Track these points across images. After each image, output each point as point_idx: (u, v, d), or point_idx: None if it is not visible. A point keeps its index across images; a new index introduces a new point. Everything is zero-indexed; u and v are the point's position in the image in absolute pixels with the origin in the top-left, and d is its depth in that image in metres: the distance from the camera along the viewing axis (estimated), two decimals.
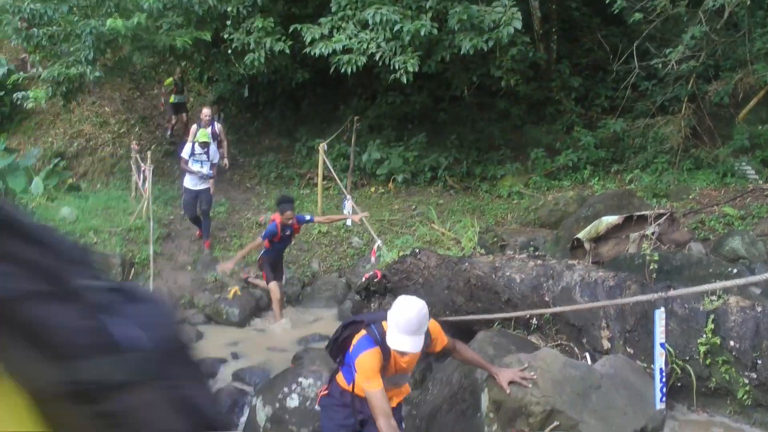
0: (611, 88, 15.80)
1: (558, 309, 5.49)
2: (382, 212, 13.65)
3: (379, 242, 9.93)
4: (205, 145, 11.50)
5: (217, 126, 13.65)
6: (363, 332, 4.36)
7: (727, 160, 12.50)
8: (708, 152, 13.08)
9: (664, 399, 4.18)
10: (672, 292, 4.39)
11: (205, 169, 11.56)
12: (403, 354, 4.06)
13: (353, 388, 4.48)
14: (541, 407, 4.11)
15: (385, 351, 4.20)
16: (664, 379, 4.28)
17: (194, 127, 12.86)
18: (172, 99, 17.10)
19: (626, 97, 14.31)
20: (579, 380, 4.33)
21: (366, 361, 4.22)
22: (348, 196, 11.90)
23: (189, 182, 11.61)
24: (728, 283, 4.27)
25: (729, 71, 13.66)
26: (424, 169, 15.49)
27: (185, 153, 11.63)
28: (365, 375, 4.20)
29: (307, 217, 10.07)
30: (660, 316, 4.11)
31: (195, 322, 10.08)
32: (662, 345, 4.28)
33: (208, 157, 11.62)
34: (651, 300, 4.60)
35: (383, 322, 4.28)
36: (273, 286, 9.78)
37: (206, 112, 13.21)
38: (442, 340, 4.43)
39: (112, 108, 18.98)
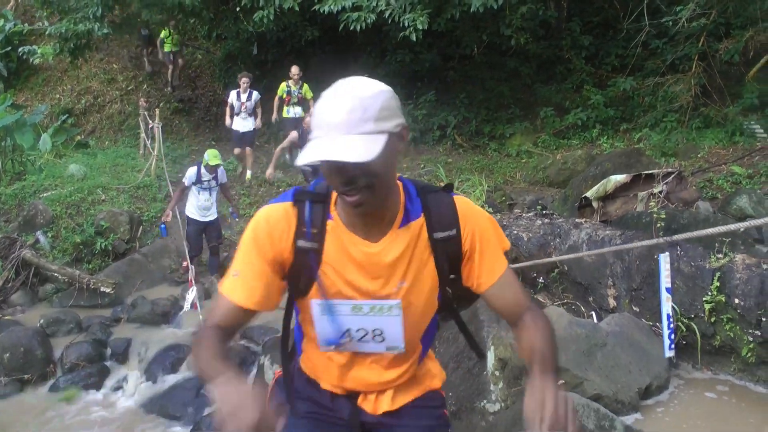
0: (621, 47, 15.63)
1: (563, 257, 5.51)
2: None
3: None
4: (214, 169, 9.33)
5: (255, 95, 13.33)
6: None
7: (736, 118, 12.40)
8: (717, 111, 12.97)
9: (672, 346, 4.19)
10: (676, 237, 4.39)
11: (211, 200, 9.55)
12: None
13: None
14: None
15: (309, 216, 2.01)
16: (672, 326, 4.27)
17: (232, 95, 13.20)
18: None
19: (636, 56, 14.19)
20: (584, 338, 4.37)
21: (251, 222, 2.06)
22: None
23: (193, 210, 9.54)
24: (731, 227, 4.23)
25: (740, 29, 13.49)
26: (433, 128, 15.47)
27: (188, 178, 9.38)
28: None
29: None
30: (665, 260, 4.11)
31: (204, 281, 10.14)
32: (668, 290, 4.27)
33: (217, 182, 9.53)
34: (657, 248, 4.60)
35: None
36: None
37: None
38: (495, 264, 2.10)
39: (120, 65, 18.92)
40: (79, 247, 10.11)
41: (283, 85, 13.39)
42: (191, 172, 9.37)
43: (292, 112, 13.23)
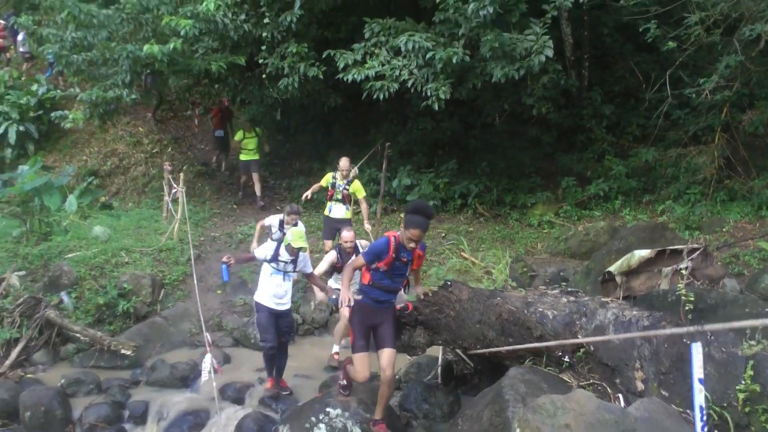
0: (643, 117, 15.70)
1: (591, 339, 5.44)
2: None
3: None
4: (295, 252, 7.86)
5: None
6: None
7: (763, 192, 12.32)
8: (742, 183, 12.91)
9: None
10: (707, 327, 4.30)
11: (285, 288, 7.99)
12: None
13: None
14: None
15: None
16: (704, 418, 4.15)
17: (273, 222, 10.53)
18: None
19: (658, 126, 14.20)
20: (613, 424, 4.27)
21: None
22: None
23: (266, 297, 7.97)
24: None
25: (764, 100, 13.55)
26: (454, 196, 15.48)
27: (262, 253, 7.99)
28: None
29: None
30: (697, 350, 4.02)
31: (223, 345, 10.12)
32: (701, 381, 4.16)
33: (295, 267, 8.03)
34: (686, 334, 4.54)
35: None
36: (359, 365, 6.39)
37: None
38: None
39: (146, 128, 19.21)
40: (102, 308, 10.19)
41: (328, 176, 11.45)
42: (268, 248, 8.03)
43: (333, 210, 11.39)
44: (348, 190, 11.33)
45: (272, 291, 7.89)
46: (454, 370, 7.83)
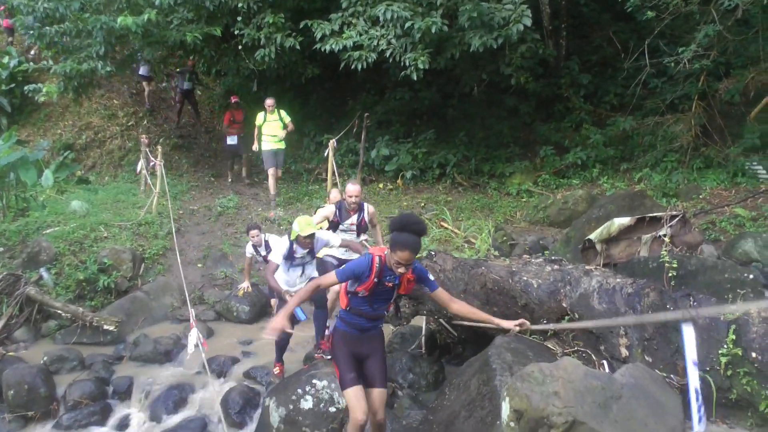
0: (621, 86, 15.77)
1: (584, 324, 5.45)
2: (391, 209, 13.65)
3: None
4: (309, 242, 7.22)
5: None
6: None
7: (738, 159, 12.46)
8: (718, 151, 13.03)
9: (702, 420, 4.14)
10: (701, 311, 4.35)
11: (304, 278, 7.57)
12: None
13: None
14: (563, 418, 4.11)
15: None
16: (701, 399, 4.18)
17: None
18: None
19: (636, 95, 14.25)
20: (600, 390, 4.33)
21: None
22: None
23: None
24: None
25: (740, 69, 13.63)
26: (432, 166, 15.49)
27: (276, 256, 7.30)
28: None
29: (431, 278, 5.22)
30: (688, 330, 4.04)
31: (205, 319, 10.09)
32: (695, 363, 4.16)
33: (313, 255, 7.64)
34: (670, 297, 4.60)
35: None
36: (354, 401, 5.03)
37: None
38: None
39: (121, 100, 18.97)
40: (82, 284, 10.09)
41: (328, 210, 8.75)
42: (283, 248, 7.30)
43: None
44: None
45: (290, 282, 7.47)
46: (438, 339, 7.88)
